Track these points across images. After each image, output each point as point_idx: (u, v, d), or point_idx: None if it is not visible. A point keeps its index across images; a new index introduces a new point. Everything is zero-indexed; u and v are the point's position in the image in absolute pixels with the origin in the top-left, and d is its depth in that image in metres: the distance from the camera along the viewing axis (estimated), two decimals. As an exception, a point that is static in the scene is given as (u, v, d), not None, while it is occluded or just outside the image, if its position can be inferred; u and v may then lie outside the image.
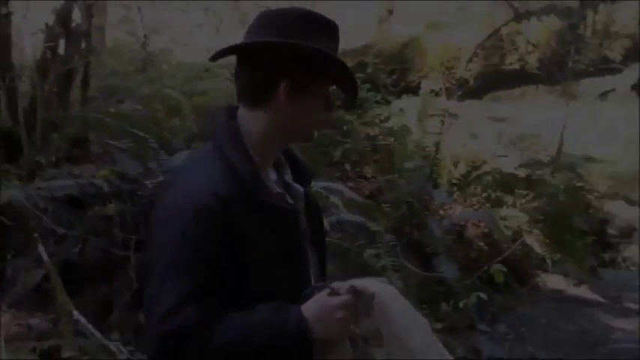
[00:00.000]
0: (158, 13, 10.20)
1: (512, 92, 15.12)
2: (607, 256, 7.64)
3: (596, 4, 4.55)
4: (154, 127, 4.70)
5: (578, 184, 7.05)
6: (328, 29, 1.45)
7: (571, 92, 6.68)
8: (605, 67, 5.19)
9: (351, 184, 6.09)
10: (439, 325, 4.54)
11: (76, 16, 4.55)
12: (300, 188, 1.54)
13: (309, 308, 1.34)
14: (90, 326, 2.88)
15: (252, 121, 1.43)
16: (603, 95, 5.99)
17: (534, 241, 6.34)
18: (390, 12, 8.93)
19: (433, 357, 1.44)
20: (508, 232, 5.98)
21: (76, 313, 2.89)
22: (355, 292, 1.37)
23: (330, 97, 1.48)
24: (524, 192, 6.46)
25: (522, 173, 6.55)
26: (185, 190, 1.36)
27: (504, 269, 4.46)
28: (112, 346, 2.81)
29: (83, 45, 4.59)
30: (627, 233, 8.74)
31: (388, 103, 6.35)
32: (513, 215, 6.23)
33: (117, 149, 4.18)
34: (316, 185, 4.45)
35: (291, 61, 1.40)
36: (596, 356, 4.68)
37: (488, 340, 4.95)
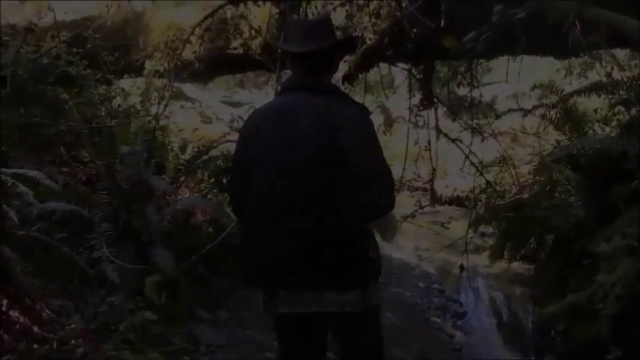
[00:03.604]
0: None
1: (257, 78, 15.43)
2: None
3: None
4: None
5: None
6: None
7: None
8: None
9: (65, 168, 5.58)
10: (155, 317, 4.34)
11: None
12: None
13: None
14: None
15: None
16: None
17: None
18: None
19: None
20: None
21: None
22: None
23: None
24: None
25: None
26: (358, 112, 2.40)
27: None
28: None
29: None
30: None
31: (109, 82, 5.91)
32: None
33: None
34: (6, 172, 3.92)
35: (343, 49, 2.68)
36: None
37: (208, 327, 4.88)
